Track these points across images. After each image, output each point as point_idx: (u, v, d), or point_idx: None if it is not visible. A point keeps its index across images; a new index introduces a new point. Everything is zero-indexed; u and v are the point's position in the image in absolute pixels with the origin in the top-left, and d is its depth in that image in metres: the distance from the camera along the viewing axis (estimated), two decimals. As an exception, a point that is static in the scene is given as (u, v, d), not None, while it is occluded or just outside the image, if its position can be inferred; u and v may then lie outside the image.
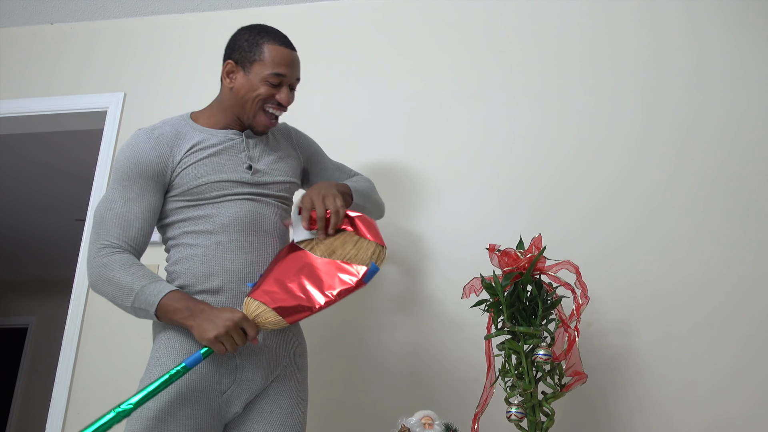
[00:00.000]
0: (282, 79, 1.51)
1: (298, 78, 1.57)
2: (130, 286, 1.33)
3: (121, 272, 1.34)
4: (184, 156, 1.46)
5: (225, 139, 1.52)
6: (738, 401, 1.81)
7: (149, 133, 1.48)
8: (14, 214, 4.81)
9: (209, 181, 1.45)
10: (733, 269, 1.93)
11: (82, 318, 2.23)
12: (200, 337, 1.29)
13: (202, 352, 1.30)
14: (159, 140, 1.46)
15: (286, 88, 1.53)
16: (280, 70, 1.50)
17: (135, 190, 1.43)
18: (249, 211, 1.47)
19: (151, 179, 1.44)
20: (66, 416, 2.13)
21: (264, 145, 1.58)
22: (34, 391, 5.79)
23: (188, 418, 1.32)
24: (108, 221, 1.40)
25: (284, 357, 1.47)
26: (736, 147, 2.06)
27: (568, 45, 2.28)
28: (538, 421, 1.50)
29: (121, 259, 1.36)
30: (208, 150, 1.48)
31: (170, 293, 1.32)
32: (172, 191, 1.46)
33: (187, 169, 1.45)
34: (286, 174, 1.58)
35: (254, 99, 1.51)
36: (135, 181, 1.43)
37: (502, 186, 2.15)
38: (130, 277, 1.33)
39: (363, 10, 2.50)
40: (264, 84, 1.50)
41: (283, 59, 1.51)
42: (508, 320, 1.55)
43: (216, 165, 1.47)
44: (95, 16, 2.71)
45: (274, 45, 1.52)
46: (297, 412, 1.46)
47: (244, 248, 1.44)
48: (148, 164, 1.44)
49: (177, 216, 1.46)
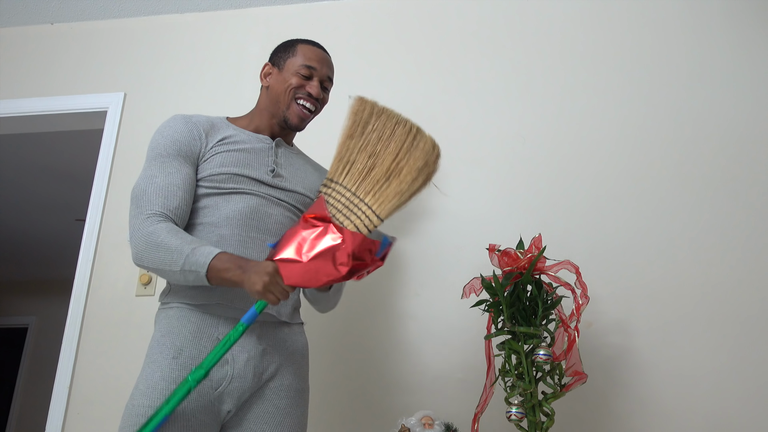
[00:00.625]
0: (312, 72, 1.58)
1: (330, 78, 1.64)
2: (180, 249, 1.32)
3: (170, 237, 1.34)
4: (216, 144, 1.52)
5: (255, 141, 1.57)
6: (738, 401, 1.81)
7: (186, 117, 1.54)
8: (14, 214, 4.81)
9: (231, 173, 1.48)
10: (734, 269, 1.93)
11: (82, 318, 2.23)
12: (251, 290, 1.30)
13: (255, 307, 1.30)
14: (196, 124, 1.53)
15: (317, 81, 1.59)
16: (311, 63, 1.59)
17: (175, 165, 1.46)
18: (254, 207, 1.48)
19: (188, 158, 1.48)
20: (66, 416, 2.12)
21: (291, 157, 1.62)
22: (34, 391, 5.79)
23: (177, 414, 1.31)
24: (150, 194, 1.42)
25: (279, 355, 1.45)
26: (736, 147, 2.06)
27: (569, 45, 2.28)
28: (538, 421, 1.50)
29: (167, 226, 1.37)
30: (237, 145, 1.53)
31: (220, 254, 1.32)
32: (197, 176, 1.50)
33: (216, 156, 1.50)
34: (306, 188, 1.60)
35: (286, 90, 1.57)
36: (174, 157, 1.47)
37: (502, 186, 2.15)
38: (179, 241, 1.33)
39: (363, 10, 2.51)
40: (295, 75, 1.57)
41: (314, 54, 1.61)
42: (508, 320, 1.55)
43: (242, 160, 1.51)
44: (95, 16, 2.71)
45: (307, 45, 1.62)
46: (295, 413, 1.44)
47: (243, 242, 1.44)
48: (185, 143, 1.49)
49: (193, 204, 1.49)
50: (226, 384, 1.37)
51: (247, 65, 2.46)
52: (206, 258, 1.31)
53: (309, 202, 1.57)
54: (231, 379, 1.38)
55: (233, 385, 1.38)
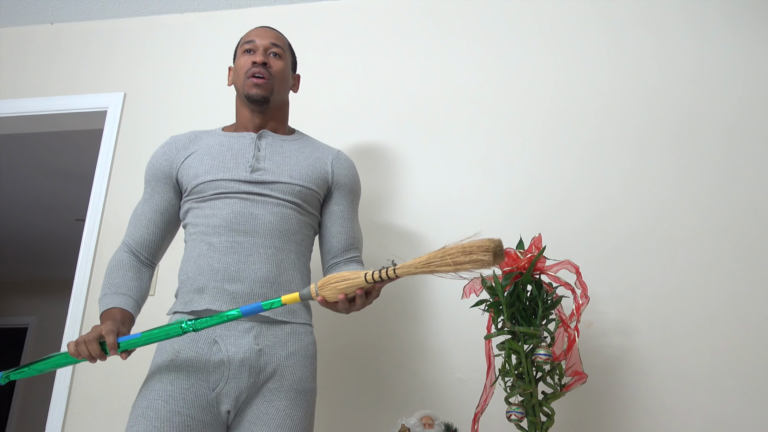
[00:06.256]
0: (251, 46, 1.63)
1: (276, 44, 1.65)
2: (103, 286, 1.51)
3: (110, 272, 1.52)
4: (187, 157, 1.57)
5: (236, 139, 1.59)
6: (738, 401, 1.81)
7: (170, 139, 1.64)
8: (14, 214, 4.81)
9: (205, 180, 1.52)
10: (734, 269, 1.93)
11: (82, 318, 2.23)
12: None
13: (263, 303, 1.30)
14: (171, 144, 1.61)
15: (261, 50, 1.63)
16: (248, 38, 1.65)
17: (148, 192, 1.60)
18: (238, 211, 1.48)
19: (159, 181, 1.58)
20: (66, 416, 2.12)
21: (280, 145, 1.60)
22: (34, 391, 5.79)
23: (174, 414, 1.33)
24: (130, 221, 1.60)
25: (278, 355, 1.43)
26: (736, 147, 2.06)
27: (569, 44, 2.28)
28: (538, 421, 1.50)
29: (117, 260, 1.54)
30: (211, 150, 1.57)
31: (107, 311, 1.44)
32: (183, 192, 1.57)
33: (188, 168, 1.55)
34: (294, 177, 1.55)
35: (240, 74, 1.63)
36: (148, 183, 1.60)
37: (502, 186, 2.15)
38: (107, 281, 1.51)
39: (363, 10, 2.50)
40: (242, 57, 1.64)
41: (249, 34, 1.67)
42: (508, 320, 1.55)
43: (215, 164, 1.53)
44: (95, 16, 2.71)
45: (247, 32, 1.70)
46: (296, 414, 1.41)
47: (232, 248, 1.46)
48: (158, 167, 1.59)
49: (186, 219, 1.56)
50: (222, 384, 1.38)
51: (247, 65, 2.46)
52: (101, 308, 1.46)
53: (298, 190, 1.53)
54: (227, 380, 1.38)
55: (230, 385, 1.38)
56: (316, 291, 1.29)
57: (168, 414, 1.32)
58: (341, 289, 1.28)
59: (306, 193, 1.56)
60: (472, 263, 1.17)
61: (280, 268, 1.48)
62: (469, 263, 1.17)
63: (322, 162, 1.63)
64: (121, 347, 1.31)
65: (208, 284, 1.44)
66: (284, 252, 1.49)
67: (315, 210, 1.60)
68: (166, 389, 1.35)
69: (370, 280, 1.25)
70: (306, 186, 1.56)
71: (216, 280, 1.43)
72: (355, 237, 1.64)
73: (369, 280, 1.25)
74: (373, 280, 1.25)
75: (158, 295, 2.15)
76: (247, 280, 1.44)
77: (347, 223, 1.63)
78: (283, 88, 1.65)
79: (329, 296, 1.29)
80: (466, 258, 1.17)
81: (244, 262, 1.45)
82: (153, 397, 1.35)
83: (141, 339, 1.31)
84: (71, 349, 1.31)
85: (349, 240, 1.62)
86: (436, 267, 1.20)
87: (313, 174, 1.58)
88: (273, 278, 1.46)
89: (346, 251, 1.61)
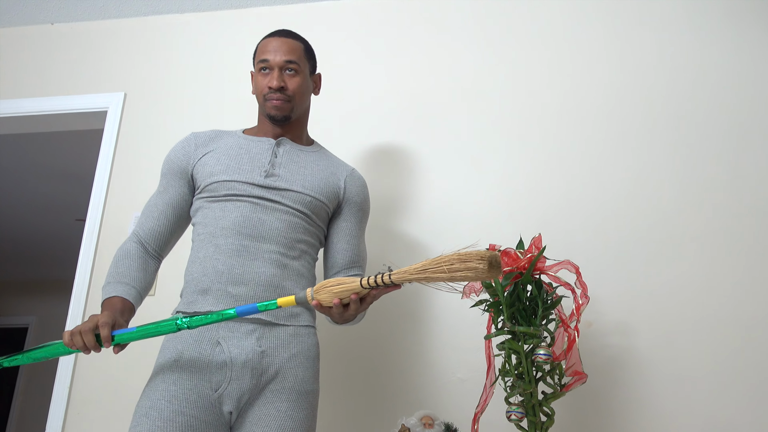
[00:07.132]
0: (266, 65, 1.60)
1: (290, 61, 1.59)
2: (108, 274, 1.50)
3: (117, 260, 1.51)
4: (205, 154, 1.58)
5: (255, 143, 1.60)
6: (738, 401, 1.81)
7: (190, 135, 1.64)
8: (14, 214, 4.81)
9: (219, 180, 1.52)
10: (734, 269, 1.93)
11: (82, 318, 2.23)
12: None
13: (258, 305, 1.29)
14: (191, 139, 1.62)
15: (276, 71, 1.59)
16: (263, 56, 1.60)
17: (163, 184, 1.61)
18: (247, 215, 1.49)
19: (175, 174, 1.59)
20: (66, 416, 2.12)
21: (297, 155, 1.61)
22: (34, 391, 5.80)
23: (177, 414, 1.33)
24: (142, 211, 1.59)
25: (280, 357, 1.43)
26: (737, 147, 2.06)
27: (569, 44, 2.28)
28: (538, 421, 1.50)
29: (125, 249, 1.52)
30: (230, 151, 1.57)
31: (108, 299, 1.44)
32: (196, 188, 1.58)
33: (204, 166, 1.56)
34: (306, 187, 1.56)
35: (258, 91, 1.62)
36: (164, 176, 1.61)
37: (502, 186, 2.15)
38: (111, 269, 1.50)
39: (363, 10, 2.50)
40: (259, 75, 1.62)
41: (265, 47, 1.62)
42: (508, 320, 1.55)
43: (231, 165, 1.55)
44: (95, 16, 2.71)
45: (263, 39, 1.64)
46: (298, 415, 1.41)
47: (237, 251, 1.46)
48: (175, 160, 1.60)
49: (195, 218, 1.56)
50: (225, 386, 1.38)
51: (247, 65, 2.45)
52: (103, 296, 1.46)
53: (309, 201, 1.55)
54: (229, 381, 1.38)
55: (232, 386, 1.38)
56: (311, 295, 1.29)
57: (171, 414, 1.33)
58: (336, 293, 1.28)
59: (316, 205, 1.57)
60: (468, 271, 1.16)
61: (284, 274, 1.48)
62: (464, 270, 1.17)
63: (336, 177, 1.63)
64: (114, 341, 1.30)
65: (212, 286, 1.44)
66: (289, 258, 1.50)
67: (323, 223, 1.61)
68: (170, 389, 1.36)
69: (365, 285, 1.25)
70: (317, 197, 1.57)
71: (220, 282, 1.44)
72: (360, 255, 1.65)
73: (364, 285, 1.25)
74: (369, 286, 1.25)
75: (158, 296, 2.15)
76: (251, 283, 1.44)
77: (354, 241, 1.64)
78: (303, 101, 1.65)
79: (324, 300, 1.29)
80: (462, 266, 1.17)
81: (249, 265, 1.45)
82: (156, 397, 1.36)
83: (135, 333, 1.31)
84: (66, 339, 1.30)
85: (354, 257, 1.63)
86: (432, 274, 1.20)
87: (325, 187, 1.59)
88: (277, 283, 1.46)
89: (349, 267, 1.62)
